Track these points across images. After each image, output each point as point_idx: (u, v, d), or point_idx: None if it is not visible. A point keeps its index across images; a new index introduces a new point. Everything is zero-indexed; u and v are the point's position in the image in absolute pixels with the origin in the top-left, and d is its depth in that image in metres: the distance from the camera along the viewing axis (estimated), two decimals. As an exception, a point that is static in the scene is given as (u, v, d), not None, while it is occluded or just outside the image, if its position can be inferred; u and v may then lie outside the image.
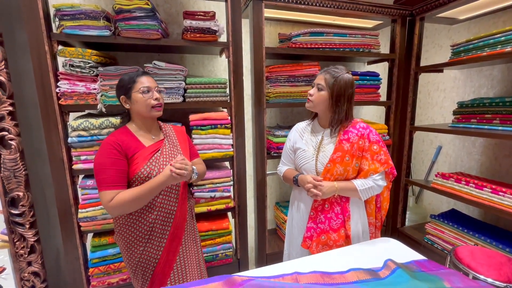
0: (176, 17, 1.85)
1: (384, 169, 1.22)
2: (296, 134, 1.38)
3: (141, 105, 1.13)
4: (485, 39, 1.56)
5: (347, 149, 1.21)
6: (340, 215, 1.26)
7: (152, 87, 1.15)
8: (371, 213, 1.34)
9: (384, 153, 1.23)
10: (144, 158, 1.13)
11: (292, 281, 0.90)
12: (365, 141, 1.22)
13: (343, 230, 1.25)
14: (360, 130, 1.24)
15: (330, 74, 1.20)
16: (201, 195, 1.67)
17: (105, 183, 1.05)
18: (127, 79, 1.14)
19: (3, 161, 1.26)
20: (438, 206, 2.32)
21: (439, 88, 2.22)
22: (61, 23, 1.35)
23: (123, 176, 1.09)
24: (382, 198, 1.35)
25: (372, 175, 1.22)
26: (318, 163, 1.26)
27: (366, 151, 1.23)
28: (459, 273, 0.92)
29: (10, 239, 1.33)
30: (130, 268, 1.19)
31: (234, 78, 1.64)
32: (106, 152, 1.07)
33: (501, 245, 1.52)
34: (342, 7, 1.80)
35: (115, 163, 1.07)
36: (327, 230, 1.25)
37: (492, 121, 1.61)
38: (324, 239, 1.26)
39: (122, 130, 1.17)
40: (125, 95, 1.14)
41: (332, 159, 1.22)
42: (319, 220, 1.27)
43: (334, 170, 1.22)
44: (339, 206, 1.26)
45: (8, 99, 1.26)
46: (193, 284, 0.87)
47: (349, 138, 1.22)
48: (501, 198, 1.52)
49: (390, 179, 1.33)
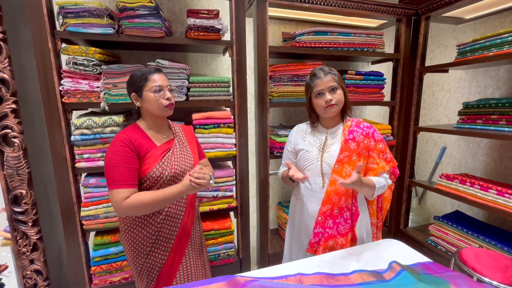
0: (180, 15, 1.84)
1: (390, 167, 1.22)
2: (297, 136, 1.35)
3: (152, 104, 1.10)
4: (492, 39, 1.54)
5: (353, 149, 1.19)
6: (349, 220, 1.22)
7: (164, 85, 1.12)
8: (373, 213, 1.32)
9: (389, 151, 1.24)
10: (156, 158, 1.11)
11: (295, 282, 0.89)
12: (370, 140, 1.21)
13: (350, 234, 1.23)
14: (365, 129, 1.23)
15: (331, 73, 1.20)
16: (203, 194, 1.66)
17: (118, 181, 1.02)
18: (139, 76, 1.11)
19: (6, 159, 1.26)
20: (442, 207, 2.30)
21: (444, 88, 2.20)
22: (65, 20, 1.34)
23: (136, 174, 1.07)
24: (382, 198, 1.33)
25: (381, 174, 1.21)
26: (323, 163, 1.23)
27: (372, 150, 1.22)
28: (466, 276, 0.91)
29: (13, 237, 1.33)
30: (135, 269, 1.17)
31: (237, 77, 1.63)
32: (118, 149, 1.04)
33: (506, 248, 1.51)
34: (346, 6, 1.79)
35: (128, 161, 1.04)
36: (335, 235, 1.22)
37: (498, 122, 1.60)
38: (331, 244, 1.23)
39: (133, 127, 1.14)
40: (136, 92, 1.12)
41: (340, 160, 1.19)
42: (327, 225, 1.23)
43: (343, 171, 1.18)
44: (349, 211, 1.22)
45: (12, 96, 1.25)
46: (196, 284, 0.87)
47: (354, 137, 1.21)
48: (506, 200, 1.50)
49: (393, 179, 1.31)
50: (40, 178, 1.36)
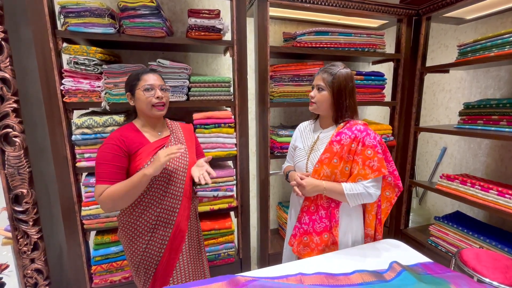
0: (181, 15, 1.84)
1: (375, 176, 1.12)
2: (297, 133, 1.38)
3: (142, 102, 1.13)
4: (493, 39, 1.54)
5: (336, 151, 1.16)
6: (324, 219, 1.21)
7: (156, 85, 1.13)
8: (370, 224, 1.27)
9: (379, 160, 1.12)
10: (148, 153, 1.12)
11: (296, 282, 0.89)
12: (358, 144, 1.14)
13: (326, 234, 1.21)
14: (355, 133, 1.16)
15: (328, 73, 1.18)
16: (204, 194, 1.66)
17: (101, 177, 1.05)
18: (133, 76, 1.15)
19: (7, 158, 1.26)
20: (442, 207, 2.30)
21: (445, 89, 2.20)
22: (66, 20, 1.34)
23: (121, 172, 1.08)
24: (381, 209, 1.28)
25: (360, 181, 1.14)
26: (308, 162, 1.24)
27: (358, 154, 1.15)
28: (466, 277, 0.91)
29: (14, 236, 1.33)
30: (133, 266, 1.18)
31: (238, 77, 1.63)
32: (108, 147, 1.07)
33: (507, 248, 1.51)
34: (347, 6, 1.79)
35: (114, 159, 1.07)
36: (310, 232, 1.23)
37: (499, 123, 1.59)
38: (306, 240, 1.25)
39: (128, 126, 1.17)
40: (130, 91, 1.15)
41: (320, 160, 1.19)
42: (304, 220, 1.26)
43: (321, 171, 1.19)
44: (325, 210, 1.21)
45: (13, 96, 1.25)
46: (196, 283, 0.87)
47: (340, 139, 1.17)
48: (507, 201, 1.50)
49: (396, 193, 1.26)
50: (41, 177, 1.36)
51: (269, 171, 1.84)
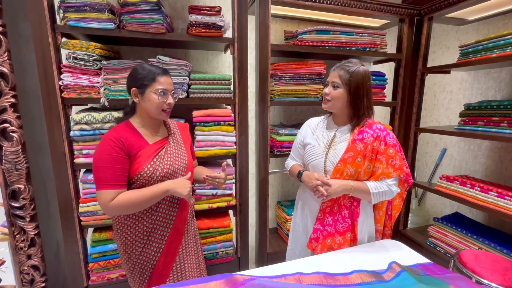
0: (181, 11, 1.83)
1: (397, 175, 1.15)
2: (308, 129, 1.33)
3: (152, 105, 1.07)
4: (495, 40, 1.54)
5: (360, 150, 1.15)
6: (347, 219, 1.21)
7: (169, 90, 1.10)
8: (380, 219, 1.28)
9: (400, 158, 1.15)
10: (148, 156, 1.08)
11: (294, 281, 0.88)
12: (380, 143, 1.15)
13: (349, 234, 1.21)
14: (376, 132, 1.16)
15: (345, 70, 1.14)
16: (202, 192, 1.66)
17: (105, 181, 1.00)
18: (146, 74, 1.07)
19: (4, 153, 1.25)
20: (441, 209, 2.29)
21: (446, 89, 2.19)
22: (66, 15, 1.33)
23: (124, 175, 1.04)
24: (392, 205, 1.29)
25: (383, 179, 1.16)
26: (327, 161, 1.20)
27: (381, 153, 1.15)
28: (465, 278, 0.90)
29: (10, 232, 1.32)
30: (128, 268, 1.16)
31: (238, 75, 1.62)
32: (107, 148, 1.01)
33: (506, 250, 1.50)
34: (349, 5, 1.78)
35: (116, 161, 1.01)
36: (333, 233, 1.21)
37: (500, 124, 1.59)
38: (329, 243, 1.22)
39: (125, 125, 1.11)
40: (138, 88, 1.07)
41: (343, 159, 1.17)
42: (327, 222, 1.22)
43: (344, 170, 1.16)
44: (348, 210, 1.21)
45: (11, 90, 1.24)
46: (194, 282, 0.86)
47: (363, 138, 1.16)
48: (506, 203, 1.50)
49: (405, 188, 1.26)
50: (38, 173, 1.35)
51: (269, 170, 1.83)
